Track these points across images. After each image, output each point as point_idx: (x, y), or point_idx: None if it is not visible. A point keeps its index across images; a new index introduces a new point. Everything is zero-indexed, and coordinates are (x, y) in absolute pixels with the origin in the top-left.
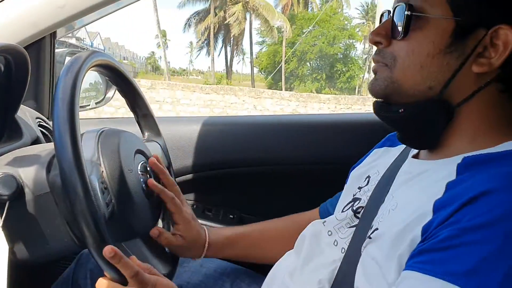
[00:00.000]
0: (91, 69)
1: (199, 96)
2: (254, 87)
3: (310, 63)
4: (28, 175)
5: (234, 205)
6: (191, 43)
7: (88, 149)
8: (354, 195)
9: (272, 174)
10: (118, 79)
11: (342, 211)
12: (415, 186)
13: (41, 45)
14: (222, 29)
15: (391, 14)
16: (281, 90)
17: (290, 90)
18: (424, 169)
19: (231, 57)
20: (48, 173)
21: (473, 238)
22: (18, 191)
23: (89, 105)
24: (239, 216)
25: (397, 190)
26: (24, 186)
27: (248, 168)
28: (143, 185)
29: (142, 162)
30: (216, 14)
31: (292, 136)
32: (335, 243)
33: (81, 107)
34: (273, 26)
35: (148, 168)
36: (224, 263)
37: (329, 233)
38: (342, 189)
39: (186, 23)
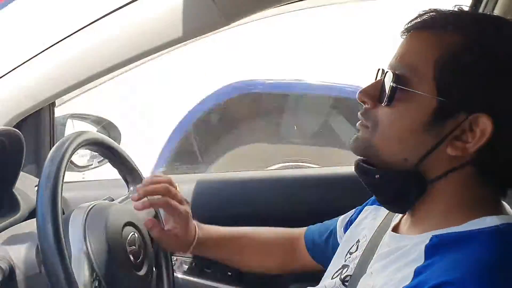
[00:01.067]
0: (82, 148)
1: None
2: None
3: None
4: (19, 255)
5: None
6: None
7: (75, 230)
8: (344, 261)
9: None
10: (106, 151)
11: (332, 278)
12: (389, 267)
13: (41, 113)
14: None
15: (383, 77)
16: None
17: None
18: (399, 245)
19: None
20: (39, 253)
21: None
22: (5, 277)
23: (91, 164)
24: (237, 273)
25: (375, 265)
26: (15, 267)
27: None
28: (132, 259)
29: (131, 233)
30: None
31: (283, 191)
32: None
33: (84, 167)
34: None
35: (139, 239)
36: None
37: None
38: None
39: None
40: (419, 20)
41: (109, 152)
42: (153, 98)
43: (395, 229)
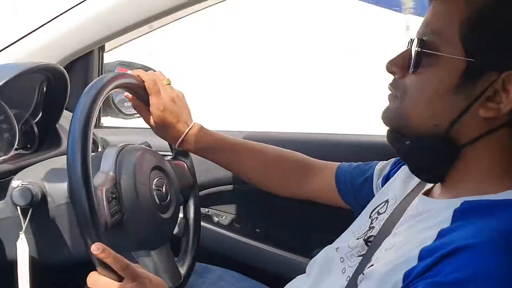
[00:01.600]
0: (115, 89)
1: None
2: None
3: None
4: (52, 185)
5: (262, 219)
6: None
7: (106, 163)
8: (371, 222)
9: None
10: (143, 96)
11: (356, 238)
12: (414, 227)
13: (90, 57)
14: None
15: (410, 45)
16: None
17: None
18: (428, 208)
19: None
20: None
21: None
22: (37, 201)
23: (137, 113)
24: (266, 230)
25: (401, 226)
26: (48, 195)
27: None
28: (157, 201)
29: (159, 178)
30: None
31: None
32: (343, 271)
33: (130, 115)
34: None
35: (166, 184)
36: (243, 278)
37: (341, 259)
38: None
39: None
40: None
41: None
42: None
43: (426, 193)
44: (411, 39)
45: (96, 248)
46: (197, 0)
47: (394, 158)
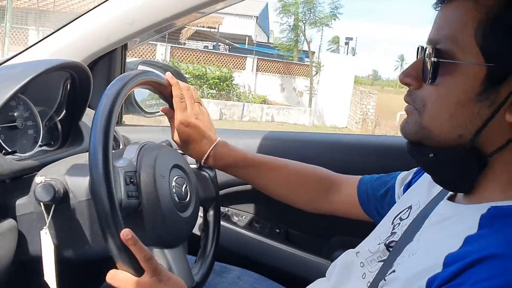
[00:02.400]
0: (138, 86)
1: None
2: None
3: None
4: (74, 181)
5: (281, 219)
6: None
7: (128, 153)
8: (393, 227)
9: None
10: (165, 94)
11: (378, 244)
12: (439, 233)
13: (113, 55)
14: None
15: (423, 54)
16: None
17: None
18: (453, 213)
19: None
20: None
21: None
22: (60, 197)
23: (158, 111)
24: (285, 230)
25: (425, 232)
26: (69, 191)
27: None
28: (176, 198)
29: (179, 176)
30: None
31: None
32: (363, 276)
33: (152, 113)
34: None
35: (186, 184)
36: (262, 278)
37: (361, 264)
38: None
39: None
40: None
41: (168, 95)
42: None
43: (451, 198)
44: (421, 47)
45: (125, 234)
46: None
47: (416, 168)
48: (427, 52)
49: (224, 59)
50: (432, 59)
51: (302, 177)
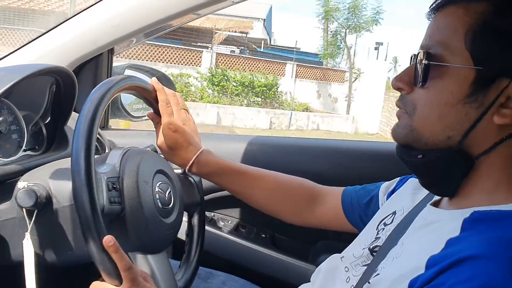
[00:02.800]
0: (122, 91)
1: None
2: None
3: None
4: (57, 186)
5: (267, 224)
6: None
7: (111, 159)
8: (377, 232)
9: None
10: (149, 99)
11: (362, 248)
12: (422, 237)
13: (99, 60)
14: None
15: (415, 60)
16: None
17: None
18: (437, 218)
19: None
20: None
21: None
22: (42, 203)
23: (144, 116)
24: (271, 235)
25: (409, 236)
26: (53, 196)
27: None
28: (159, 203)
29: (162, 181)
30: None
31: (330, 160)
32: (348, 280)
33: (137, 117)
34: None
35: (169, 189)
36: (247, 284)
37: (346, 269)
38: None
39: None
40: None
41: (153, 100)
42: None
43: (435, 204)
44: (415, 54)
45: (108, 241)
46: (207, 4)
47: (399, 178)
48: (418, 57)
49: (266, 66)
50: (424, 61)
51: (287, 188)
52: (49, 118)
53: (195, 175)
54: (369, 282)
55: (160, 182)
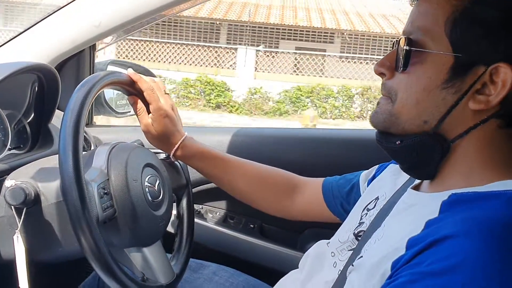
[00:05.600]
0: (107, 87)
1: None
2: None
3: None
4: (44, 184)
5: (255, 214)
6: None
7: (98, 160)
8: (361, 218)
9: None
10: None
11: (346, 232)
12: (403, 220)
13: (81, 56)
14: None
15: (397, 45)
16: None
17: None
18: (416, 201)
19: None
20: None
21: (431, 283)
22: (31, 200)
23: (129, 111)
24: (260, 225)
25: (391, 219)
26: (41, 194)
27: None
28: (149, 197)
29: (151, 175)
30: None
31: (311, 149)
32: (334, 265)
33: (122, 113)
34: None
35: (158, 181)
36: (237, 273)
37: (332, 254)
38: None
39: None
40: None
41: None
42: None
43: (416, 188)
44: (396, 40)
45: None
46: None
47: (377, 165)
48: (399, 42)
49: None
50: (405, 47)
51: (267, 177)
52: (32, 116)
53: (179, 159)
54: (352, 265)
55: (149, 176)
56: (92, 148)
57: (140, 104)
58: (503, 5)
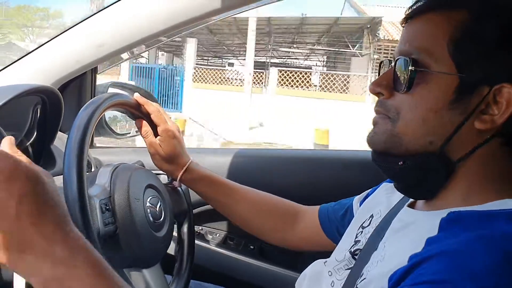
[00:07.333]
0: (110, 109)
1: None
2: None
3: None
4: None
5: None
6: None
7: (101, 178)
8: (356, 236)
9: None
10: (136, 114)
11: (344, 253)
12: (402, 239)
13: (83, 78)
14: None
15: (393, 65)
16: None
17: None
18: (413, 219)
19: None
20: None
21: None
22: None
23: (129, 133)
24: (259, 246)
25: (389, 239)
26: None
27: None
28: (151, 218)
29: (153, 196)
30: None
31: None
32: (332, 284)
33: (121, 135)
34: None
35: (160, 203)
36: None
37: (329, 273)
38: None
39: None
40: (421, 3)
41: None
42: None
43: (411, 205)
44: (388, 60)
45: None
46: (189, 22)
47: (369, 190)
48: (398, 63)
49: None
50: (410, 68)
51: (270, 204)
52: (33, 137)
53: (184, 183)
54: (357, 287)
55: (151, 197)
56: (93, 169)
57: (146, 127)
58: (503, 23)
